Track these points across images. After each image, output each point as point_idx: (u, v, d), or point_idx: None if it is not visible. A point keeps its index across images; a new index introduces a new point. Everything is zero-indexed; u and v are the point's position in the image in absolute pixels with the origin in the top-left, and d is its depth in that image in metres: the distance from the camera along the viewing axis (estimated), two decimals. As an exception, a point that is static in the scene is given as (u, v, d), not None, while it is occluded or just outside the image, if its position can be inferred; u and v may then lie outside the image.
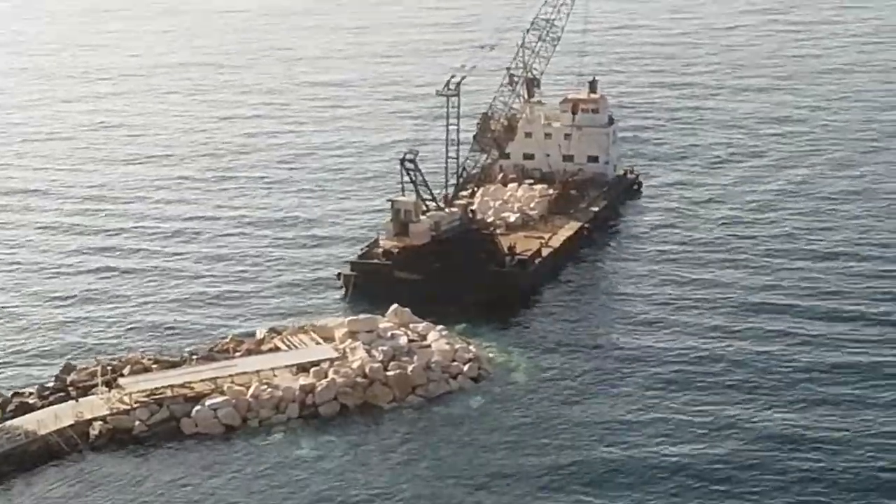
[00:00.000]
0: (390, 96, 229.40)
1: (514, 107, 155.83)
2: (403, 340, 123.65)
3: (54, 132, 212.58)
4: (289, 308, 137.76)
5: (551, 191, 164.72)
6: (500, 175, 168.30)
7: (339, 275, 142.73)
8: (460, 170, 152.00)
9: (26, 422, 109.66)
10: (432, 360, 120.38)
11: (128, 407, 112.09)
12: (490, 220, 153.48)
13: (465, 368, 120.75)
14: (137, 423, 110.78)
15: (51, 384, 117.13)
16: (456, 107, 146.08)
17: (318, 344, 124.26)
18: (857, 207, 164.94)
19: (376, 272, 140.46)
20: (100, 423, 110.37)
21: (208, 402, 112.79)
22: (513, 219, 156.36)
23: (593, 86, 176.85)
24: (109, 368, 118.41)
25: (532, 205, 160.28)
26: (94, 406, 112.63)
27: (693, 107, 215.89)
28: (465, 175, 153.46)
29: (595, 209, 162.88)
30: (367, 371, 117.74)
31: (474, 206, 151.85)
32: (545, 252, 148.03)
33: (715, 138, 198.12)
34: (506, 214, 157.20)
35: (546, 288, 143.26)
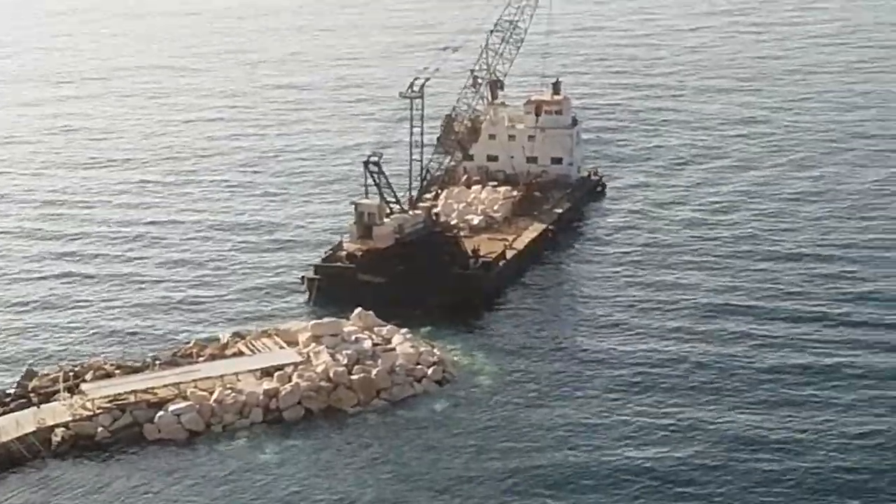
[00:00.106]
0: (353, 99, 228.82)
1: (478, 108, 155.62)
2: (367, 344, 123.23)
3: (13, 136, 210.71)
4: (252, 312, 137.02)
5: (515, 193, 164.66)
6: (464, 177, 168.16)
7: (303, 278, 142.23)
8: (424, 172, 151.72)
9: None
10: (396, 363, 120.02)
11: (90, 413, 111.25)
12: (454, 222, 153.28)
13: (430, 372, 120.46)
14: (100, 429, 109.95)
15: (12, 391, 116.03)
16: (419, 109, 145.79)
17: (282, 348, 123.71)
18: (819, 208, 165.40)
19: (340, 275, 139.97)
20: (62, 429, 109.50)
21: (171, 408, 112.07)
22: (476, 221, 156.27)
23: (557, 87, 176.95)
24: (71, 374, 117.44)
25: (496, 207, 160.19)
26: (57, 412, 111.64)
27: (656, 108, 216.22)
28: (428, 177, 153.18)
29: (559, 211, 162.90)
30: (331, 375, 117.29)
31: (438, 209, 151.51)
32: (509, 254, 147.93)
33: (678, 139, 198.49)
34: (469, 216, 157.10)
35: (510, 290, 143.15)
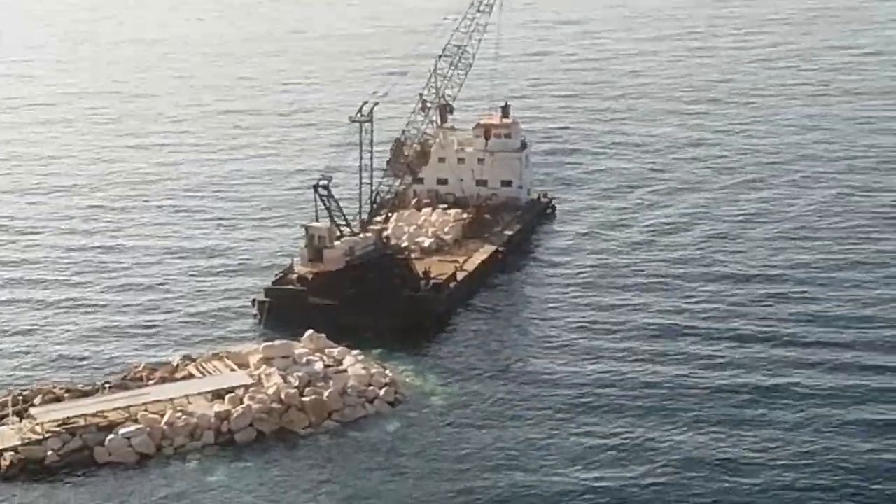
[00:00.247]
0: (302, 123, 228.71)
1: (427, 132, 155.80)
2: (319, 366, 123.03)
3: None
4: (203, 336, 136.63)
5: (465, 215, 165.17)
6: (414, 200, 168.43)
7: (254, 301, 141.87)
8: (374, 195, 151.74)
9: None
10: (348, 384, 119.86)
11: (40, 437, 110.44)
12: (404, 244, 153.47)
13: (382, 393, 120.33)
14: (50, 452, 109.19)
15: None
16: (369, 133, 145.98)
17: (233, 370, 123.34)
18: (767, 229, 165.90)
19: (291, 298, 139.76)
20: (10, 453, 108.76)
21: (122, 431, 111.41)
22: (427, 243, 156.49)
23: (506, 111, 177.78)
24: (20, 398, 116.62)
25: (446, 229, 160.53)
26: (5, 436, 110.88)
27: (605, 131, 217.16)
28: (378, 200, 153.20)
29: (509, 233, 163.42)
30: (282, 397, 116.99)
31: (388, 231, 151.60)
32: (460, 276, 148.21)
33: (627, 162, 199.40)
34: (420, 239, 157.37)
35: (461, 311, 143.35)
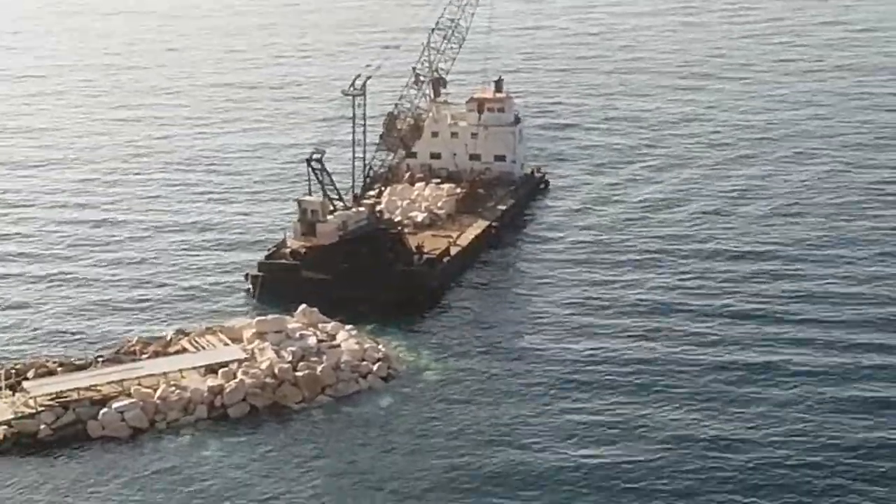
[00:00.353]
0: (295, 96, 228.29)
1: (421, 106, 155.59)
2: (312, 340, 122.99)
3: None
4: (196, 311, 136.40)
5: (459, 190, 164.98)
6: (408, 174, 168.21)
7: (247, 275, 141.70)
8: (367, 169, 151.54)
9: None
10: (341, 359, 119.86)
11: (33, 410, 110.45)
12: (398, 219, 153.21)
13: (375, 368, 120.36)
14: (43, 426, 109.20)
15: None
16: (362, 106, 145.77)
17: (227, 345, 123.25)
18: (761, 206, 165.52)
19: (284, 272, 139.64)
20: (4, 427, 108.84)
21: (115, 405, 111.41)
22: (420, 218, 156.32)
23: (499, 85, 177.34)
24: (13, 372, 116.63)
25: (439, 204, 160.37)
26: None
27: (599, 105, 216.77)
28: (371, 174, 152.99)
29: (502, 208, 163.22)
30: (275, 371, 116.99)
31: (382, 206, 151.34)
32: (453, 251, 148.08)
33: (620, 137, 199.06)
34: (413, 213, 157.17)
35: (454, 287, 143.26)
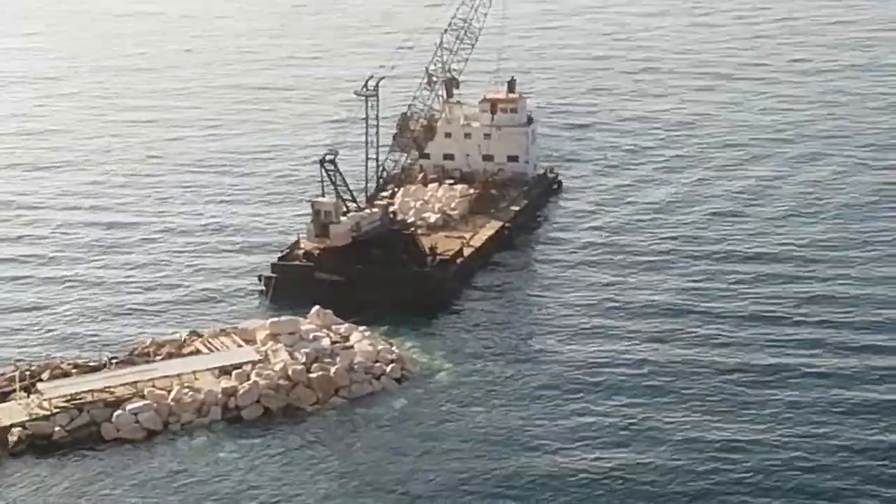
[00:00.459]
0: (308, 98, 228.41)
1: (434, 107, 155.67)
2: (326, 342, 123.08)
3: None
4: (210, 312, 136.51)
5: (472, 191, 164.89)
6: (421, 175, 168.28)
7: (261, 277, 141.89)
8: (380, 170, 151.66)
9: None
10: (355, 361, 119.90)
11: (47, 412, 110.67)
12: (411, 220, 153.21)
13: (389, 369, 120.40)
14: (57, 428, 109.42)
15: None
16: (375, 107, 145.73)
17: (240, 346, 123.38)
18: (774, 206, 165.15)
19: (298, 274, 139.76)
20: (18, 428, 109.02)
21: (129, 407, 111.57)
22: (433, 219, 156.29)
23: (512, 85, 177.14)
24: (28, 373, 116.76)
25: (453, 205, 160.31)
26: (13, 412, 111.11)
27: (612, 106, 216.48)
28: (385, 175, 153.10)
29: (516, 209, 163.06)
30: (289, 373, 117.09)
31: (395, 207, 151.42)
32: (466, 252, 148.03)
33: (633, 137, 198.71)
34: (426, 214, 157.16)
35: (468, 288, 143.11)
